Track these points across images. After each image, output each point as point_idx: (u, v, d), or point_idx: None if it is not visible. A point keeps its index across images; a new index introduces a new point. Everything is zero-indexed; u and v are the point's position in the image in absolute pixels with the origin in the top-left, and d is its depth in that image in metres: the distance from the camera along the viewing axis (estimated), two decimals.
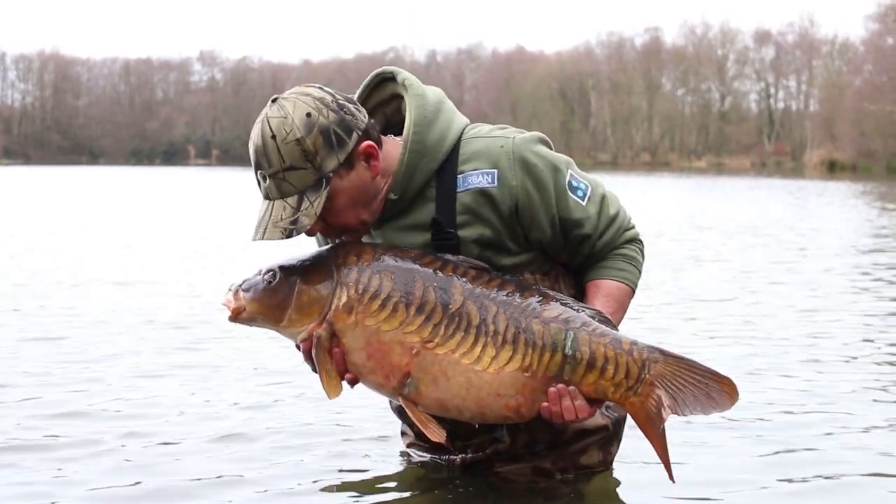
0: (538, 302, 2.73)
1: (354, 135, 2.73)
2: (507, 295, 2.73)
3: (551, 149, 2.93)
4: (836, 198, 25.70)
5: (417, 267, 2.74)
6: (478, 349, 2.68)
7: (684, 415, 2.72)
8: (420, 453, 3.20)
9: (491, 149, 2.85)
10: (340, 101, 2.75)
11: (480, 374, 2.68)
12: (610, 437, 3.07)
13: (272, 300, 2.72)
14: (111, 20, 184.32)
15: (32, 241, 12.78)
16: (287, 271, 2.75)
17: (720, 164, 78.38)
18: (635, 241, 2.99)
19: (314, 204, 2.69)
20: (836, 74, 79.59)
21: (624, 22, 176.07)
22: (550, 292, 2.81)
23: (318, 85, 2.79)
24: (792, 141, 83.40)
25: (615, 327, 2.79)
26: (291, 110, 2.69)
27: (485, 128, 2.95)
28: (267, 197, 2.75)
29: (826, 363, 5.14)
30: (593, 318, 2.76)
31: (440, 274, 2.74)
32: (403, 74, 2.93)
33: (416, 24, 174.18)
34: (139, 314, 6.53)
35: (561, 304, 2.76)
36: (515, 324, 2.70)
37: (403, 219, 2.88)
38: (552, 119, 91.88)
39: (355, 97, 2.89)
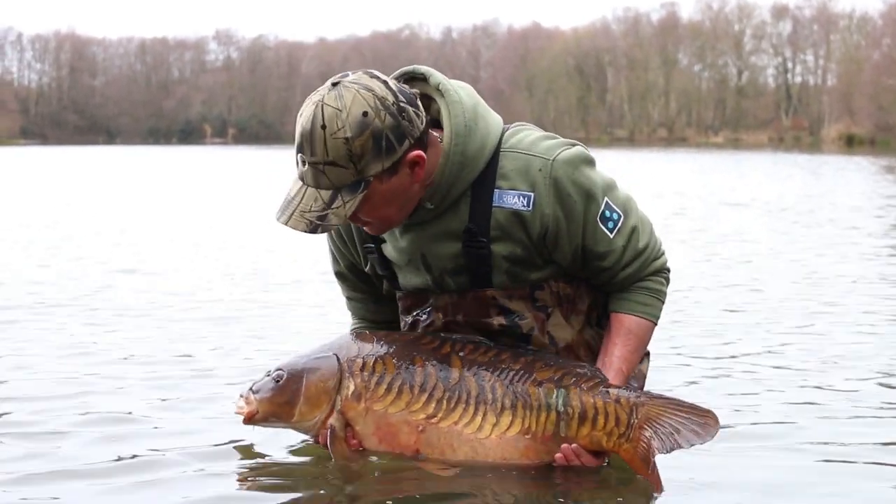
0: (532, 366, 2.83)
1: (406, 142, 2.65)
2: (502, 363, 2.83)
3: (594, 166, 2.86)
4: (866, 173, 25.28)
5: (417, 347, 2.86)
6: (479, 419, 2.78)
7: (670, 451, 2.80)
8: None
9: (530, 170, 2.78)
10: (402, 104, 2.65)
11: (484, 443, 2.77)
12: None
13: (282, 398, 2.86)
14: (126, 0, 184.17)
15: (54, 222, 12.82)
16: (293, 369, 2.88)
17: (737, 140, 77.93)
18: (661, 271, 2.97)
19: (346, 205, 2.64)
20: (853, 49, 79.12)
21: None
22: (544, 354, 2.89)
23: (384, 78, 2.68)
24: (809, 116, 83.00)
25: (606, 380, 2.84)
26: (349, 103, 2.59)
27: (528, 136, 2.86)
28: (302, 180, 2.68)
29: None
30: (584, 373, 2.83)
31: (439, 351, 2.85)
32: (437, 77, 2.84)
33: (431, 0, 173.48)
34: (159, 304, 6.41)
35: (554, 365, 2.84)
36: (512, 390, 2.79)
37: (434, 225, 2.85)
38: (569, 95, 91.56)
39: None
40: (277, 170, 27.00)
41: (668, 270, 2.99)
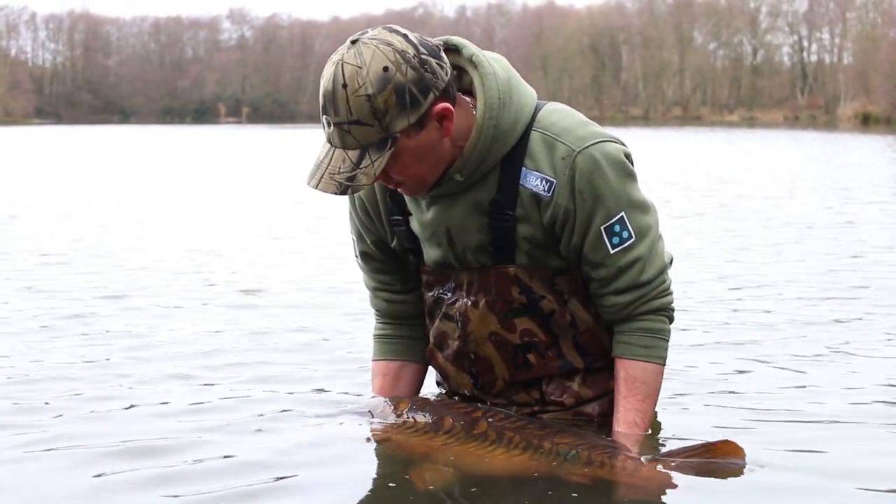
0: (554, 432, 2.78)
1: (431, 95, 2.61)
2: (526, 426, 2.81)
3: (626, 175, 2.76)
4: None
5: (449, 409, 2.88)
6: (492, 446, 2.78)
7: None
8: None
9: (555, 156, 2.73)
10: (423, 56, 2.60)
11: (491, 462, 2.76)
12: None
13: None
14: None
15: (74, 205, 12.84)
16: None
17: (752, 118, 77.67)
18: (662, 310, 2.86)
19: (375, 163, 2.60)
20: (870, 27, 78.73)
21: None
22: (572, 429, 2.83)
23: (403, 32, 2.62)
24: (825, 94, 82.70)
25: (625, 448, 2.76)
26: (369, 60, 2.55)
27: (565, 120, 2.78)
28: (329, 142, 2.64)
29: None
30: (603, 443, 2.76)
31: (469, 415, 2.85)
32: (470, 49, 2.79)
33: None
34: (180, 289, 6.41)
35: (575, 434, 2.79)
36: (526, 440, 2.76)
37: (462, 198, 2.81)
38: (583, 74, 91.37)
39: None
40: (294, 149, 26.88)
41: (671, 310, 2.89)
